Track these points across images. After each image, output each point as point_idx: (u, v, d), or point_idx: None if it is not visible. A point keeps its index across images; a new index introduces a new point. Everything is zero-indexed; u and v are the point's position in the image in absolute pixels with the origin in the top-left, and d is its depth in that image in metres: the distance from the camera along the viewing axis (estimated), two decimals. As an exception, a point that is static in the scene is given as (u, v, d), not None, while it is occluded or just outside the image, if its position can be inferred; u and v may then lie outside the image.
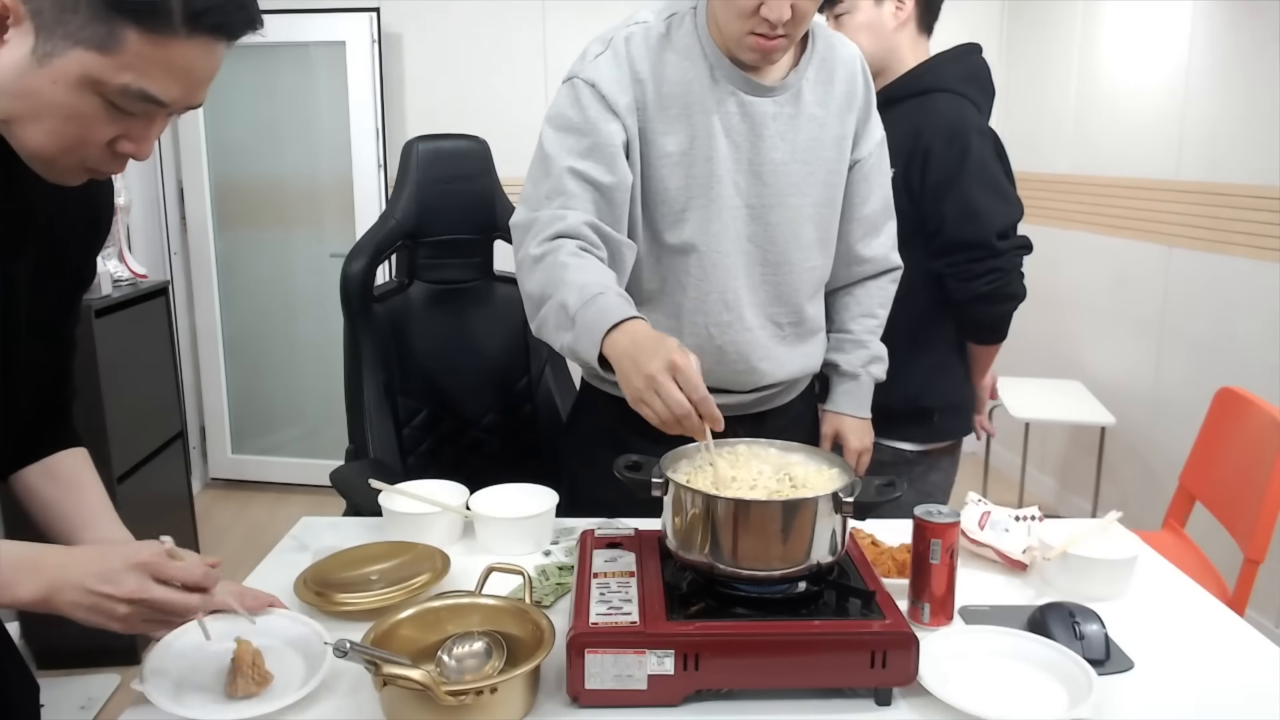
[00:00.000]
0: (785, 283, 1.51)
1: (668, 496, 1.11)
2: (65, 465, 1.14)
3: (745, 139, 1.43)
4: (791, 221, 1.48)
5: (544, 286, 1.30)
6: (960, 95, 1.86)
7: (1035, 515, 1.39)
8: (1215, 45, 3.08)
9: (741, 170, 1.44)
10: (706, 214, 1.44)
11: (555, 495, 1.46)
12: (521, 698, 0.99)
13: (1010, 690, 1.05)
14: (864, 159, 1.55)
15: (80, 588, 0.93)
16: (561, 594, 1.27)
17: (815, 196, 1.49)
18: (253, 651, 1.02)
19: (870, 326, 1.65)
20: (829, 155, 1.49)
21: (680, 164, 1.43)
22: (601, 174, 1.37)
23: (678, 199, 1.44)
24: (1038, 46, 4.16)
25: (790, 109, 1.44)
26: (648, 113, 1.42)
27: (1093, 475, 3.58)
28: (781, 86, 1.43)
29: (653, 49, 1.42)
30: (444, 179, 2.14)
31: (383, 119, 3.94)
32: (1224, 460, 2.32)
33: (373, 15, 3.91)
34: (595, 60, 1.41)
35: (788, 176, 1.46)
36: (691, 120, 1.42)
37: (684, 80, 1.41)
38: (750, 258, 1.48)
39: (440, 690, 0.92)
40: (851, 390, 1.64)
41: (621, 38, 1.42)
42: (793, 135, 1.45)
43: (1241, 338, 2.96)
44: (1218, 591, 2.07)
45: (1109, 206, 3.67)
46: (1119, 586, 1.29)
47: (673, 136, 1.42)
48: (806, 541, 1.06)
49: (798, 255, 1.50)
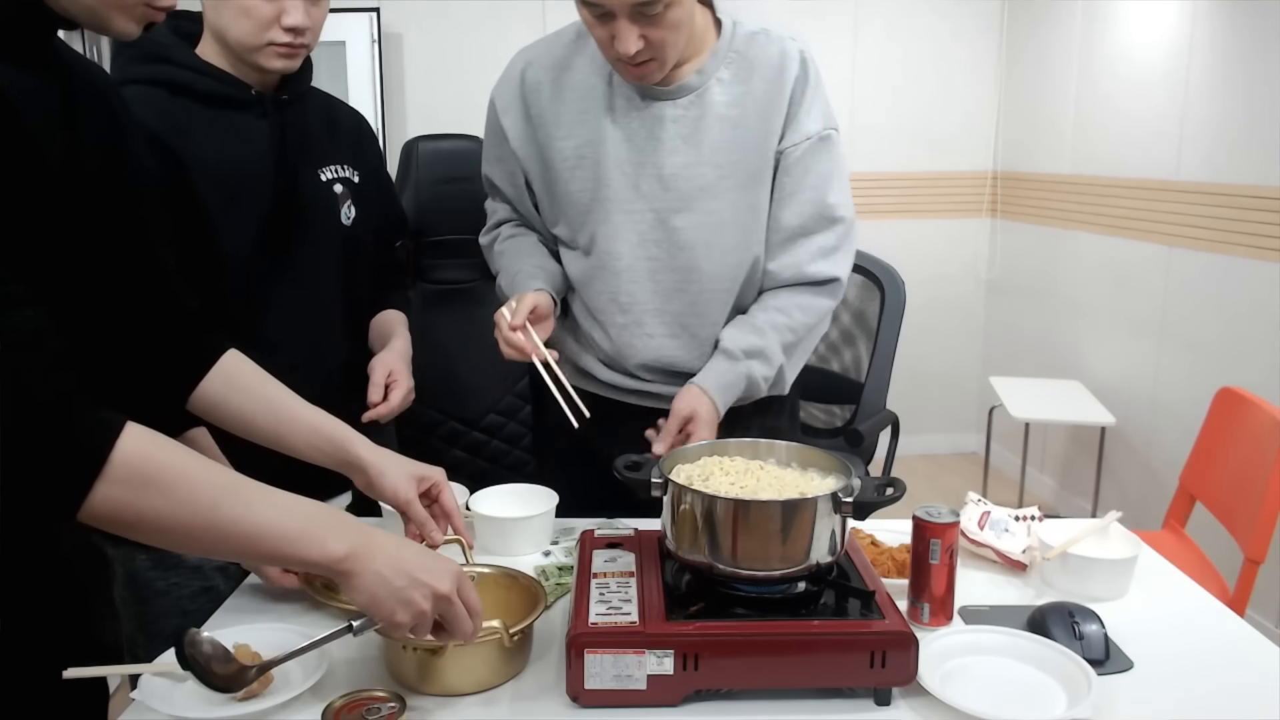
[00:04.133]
0: (699, 291, 1.46)
1: (667, 496, 1.11)
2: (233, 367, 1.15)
3: (645, 142, 1.41)
4: (702, 227, 1.43)
5: (494, 267, 1.57)
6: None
7: (1035, 515, 1.39)
8: (1215, 45, 3.08)
9: (644, 174, 1.42)
10: (601, 217, 1.45)
11: (555, 495, 1.46)
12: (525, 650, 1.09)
13: (1010, 690, 1.05)
14: (785, 151, 1.43)
15: (399, 567, 0.90)
16: (561, 594, 1.27)
17: (732, 201, 1.43)
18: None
19: (775, 322, 1.46)
20: (750, 158, 1.43)
21: (577, 167, 1.44)
22: (504, 184, 1.56)
23: (578, 201, 1.46)
24: (1038, 46, 4.16)
25: (694, 111, 1.41)
26: (545, 119, 1.46)
27: (1093, 475, 3.58)
28: (680, 89, 1.40)
29: (557, 59, 1.46)
30: (445, 179, 2.15)
31: (383, 119, 3.94)
32: (1224, 460, 2.32)
33: (373, 15, 3.91)
34: (499, 79, 1.51)
35: (693, 180, 1.42)
36: (586, 123, 1.43)
37: (585, 84, 1.44)
38: (656, 264, 1.45)
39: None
40: (723, 370, 1.42)
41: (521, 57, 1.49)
42: (697, 138, 1.41)
43: (1241, 338, 2.96)
44: (1218, 591, 2.07)
45: (1109, 206, 3.67)
46: (1119, 586, 1.29)
47: (570, 141, 1.44)
48: (806, 541, 1.06)
49: (711, 264, 1.45)
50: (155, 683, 1.01)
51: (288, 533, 0.87)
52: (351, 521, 0.92)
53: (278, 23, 1.30)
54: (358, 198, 1.51)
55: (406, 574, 0.90)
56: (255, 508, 0.86)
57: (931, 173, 4.47)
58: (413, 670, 1.04)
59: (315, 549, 0.88)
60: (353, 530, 0.91)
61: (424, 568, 0.92)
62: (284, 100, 1.41)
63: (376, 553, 0.90)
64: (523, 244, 1.54)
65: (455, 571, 0.95)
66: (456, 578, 0.94)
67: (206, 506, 0.83)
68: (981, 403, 4.04)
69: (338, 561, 0.88)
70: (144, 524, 0.82)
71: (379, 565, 0.89)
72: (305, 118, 1.46)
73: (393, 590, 0.90)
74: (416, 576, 0.90)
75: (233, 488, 0.86)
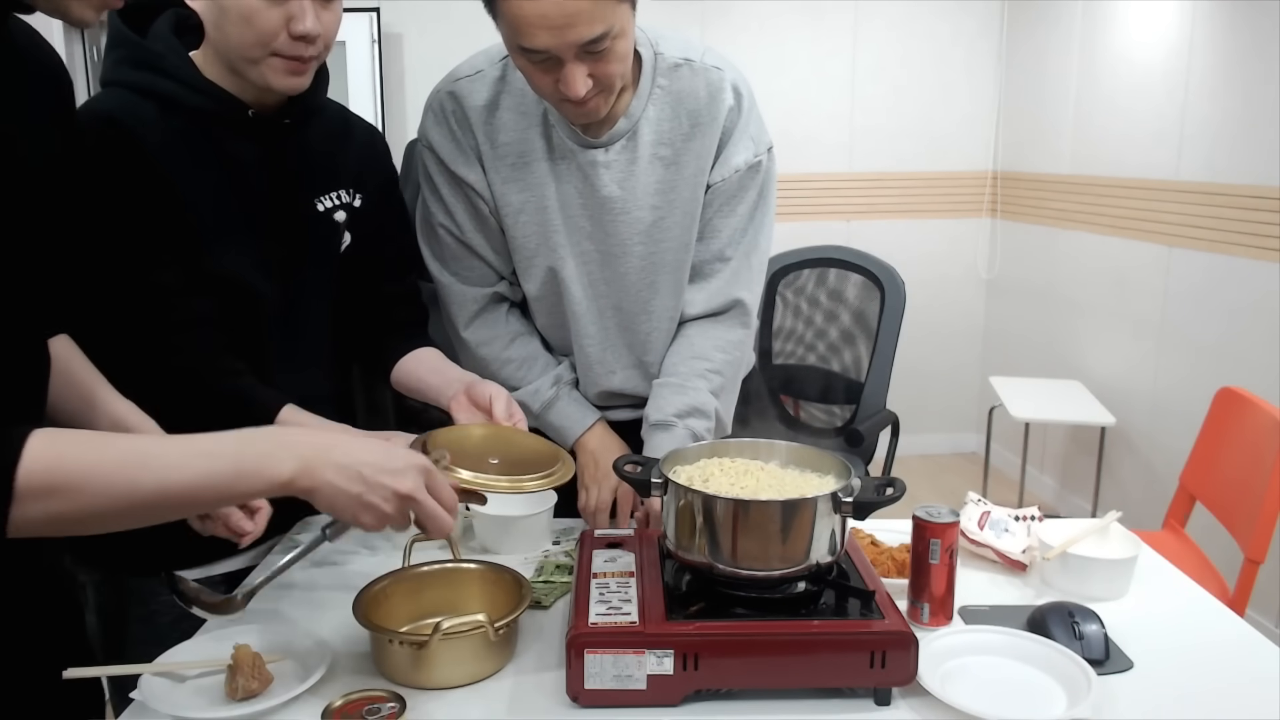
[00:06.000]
0: (647, 330, 1.47)
1: (667, 496, 1.11)
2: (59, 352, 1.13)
3: (583, 185, 1.39)
4: (644, 270, 1.43)
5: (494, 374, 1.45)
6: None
7: (1035, 515, 1.39)
8: (1215, 45, 3.08)
9: (585, 219, 1.41)
10: (552, 262, 1.43)
11: (554, 495, 1.46)
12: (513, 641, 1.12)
13: (1010, 690, 1.05)
14: (714, 185, 1.42)
15: (354, 472, 0.87)
16: (561, 594, 1.27)
17: (674, 240, 1.42)
18: (252, 655, 1.02)
19: (697, 370, 1.44)
20: (685, 195, 1.41)
21: (520, 213, 1.41)
22: (475, 236, 1.44)
23: (524, 247, 1.43)
24: (1038, 46, 4.17)
25: (626, 155, 1.38)
26: (486, 164, 1.40)
27: (1093, 475, 3.58)
28: (610, 137, 1.37)
29: (484, 103, 1.38)
30: (444, 179, 2.14)
31: (383, 119, 3.94)
32: (1224, 460, 2.32)
33: (373, 15, 3.91)
34: (426, 119, 1.42)
35: (632, 225, 1.40)
36: (525, 169, 1.39)
37: (517, 129, 1.38)
38: (605, 303, 1.45)
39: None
40: (662, 443, 1.37)
41: (449, 100, 1.40)
42: (631, 182, 1.39)
43: (1241, 338, 2.96)
44: (1218, 591, 2.07)
45: (1109, 206, 3.67)
46: (1119, 586, 1.29)
47: (513, 185, 1.40)
48: (806, 541, 1.06)
49: (658, 303, 1.45)
50: (155, 683, 1.01)
51: (220, 478, 0.84)
52: (289, 436, 0.89)
53: (285, 31, 1.15)
54: (355, 222, 1.38)
55: (362, 478, 0.87)
56: (175, 467, 0.83)
57: (931, 173, 4.47)
58: (400, 664, 1.05)
59: (257, 483, 0.85)
60: (292, 445, 0.87)
61: (381, 469, 0.88)
62: (286, 125, 1.28)
63: (326, 463, 0.86)
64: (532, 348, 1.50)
65: (418, 467, 0.91)
66: (420, 474, 0.91)
67: (124, 488, 0.81)
68: (981, 403, 4.04)
69: (286, 485, 0.85)
70: (74, 525, 0.81)
71: (330, 475, 0.86)
72: (308, 141, 1.32)
73: (351, 498, 0.87)
74: (374, 480, 0.87)
75: (143, 459, 0.83)
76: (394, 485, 0.88)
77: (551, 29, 1.16)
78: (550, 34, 1.17)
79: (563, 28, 1.16)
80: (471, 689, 1.05)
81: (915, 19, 4.34)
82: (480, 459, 1.12)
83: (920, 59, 4.38)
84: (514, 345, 1.49)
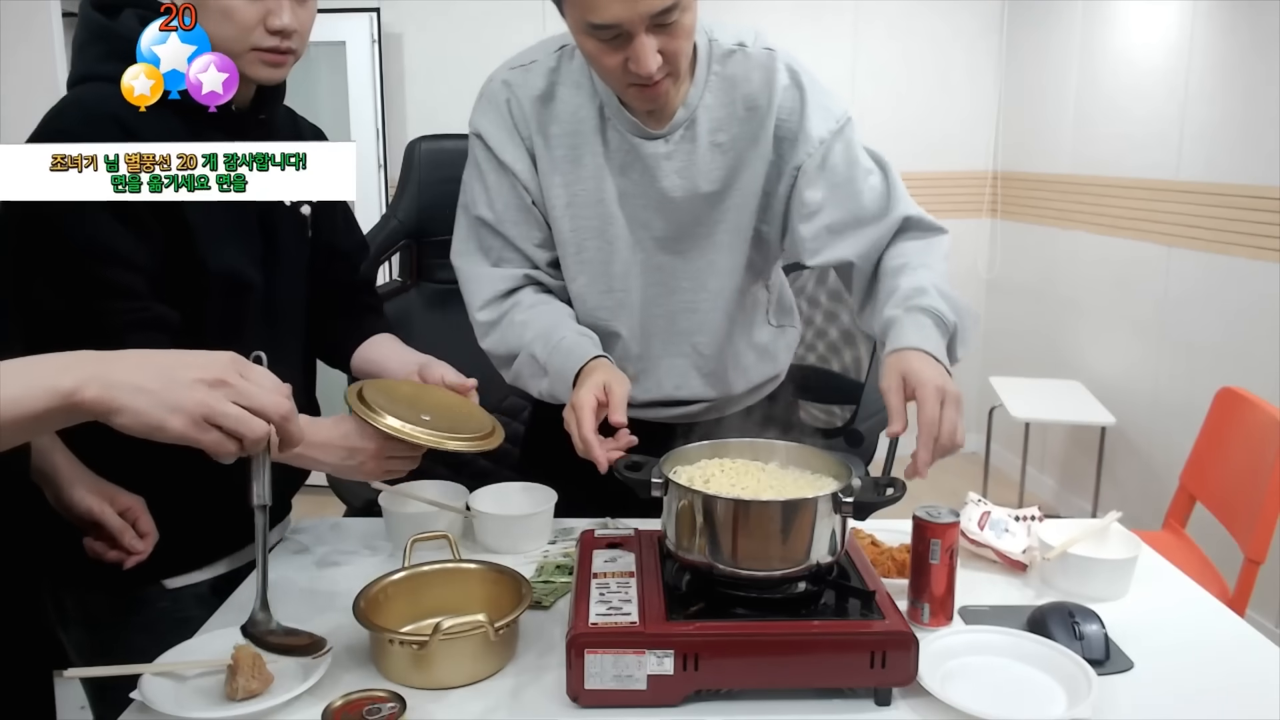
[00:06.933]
0: (705, 311, 1.46)
1: (667, 496, 1.11)
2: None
3: (641, 176, 1.39)
4: (702, 251, 1.43)
5: (508, 344, 1.42)
6: None
7: (1035, 515, 1.39)
8: (1215, 45, 3.08)
9: (643, 206, 1.40)
10: (603, 254, 1.42)
11: (554, 494, 1.46)
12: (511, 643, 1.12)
13: (1010, 690, 1.05)
14: (803, 164, 1.39)
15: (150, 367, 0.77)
16: (561, 594, 1.27)
17: (731, 223, 1.42)
18: (252, 655, 1.02)
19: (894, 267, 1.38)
20: (744, 179, 1.40)
21: (571, 204, 1.40)
22: (515, 226, 1.43)
23: (573, 239, 1.42)
24: (1038, 46, 4.17)
25: (686, 145, 1.38)
26: (536, 154, 1.40)
27: (1093, 475, 3.58)
28: (669, 127, 1.37)
29: (540, 90, 1.38)
30: (448, 179, 2.14)
31: (383, 119, 3.94)
32: (1224, 460, 2.32)
33: (373, 15, 3.91)
34: (479, 106, 1.42)
35: (691, 211, 1.41)
36: (581, 161, 1.39)
37: (573, 120, 1.38)
38: (659, 290, 1.45)
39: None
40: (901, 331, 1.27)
41: (502, 89, 1.39)
42: (691, 170, 1.39)
43: (1241, 338, 2.96)
44: (1218, 591, 2.07)
45: (1109, 206, 3.67)
46: (1119, 586, 1.29)
47: (563, 176, 1.39)
48: (806, 541, 1.06)
49: (715, 283, 1.45)
50: (155, 682, 1.01)
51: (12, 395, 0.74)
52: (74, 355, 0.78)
53: (263, 26, 1.18)
54: (316, 216, 1.40)
55: (161, 372, 0.77)
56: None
57: (931, 173, 4.47)
58: (400, 664, 1.05)
59: (39, 399, 0.74)
60: (84, 356, 0.77)
61: (181, 362, 0.79)
62: (261, 119, 1.28)
63: (115, 364, 0.77)
64: (553, 311, 1.43)
65: (228, 356, 0.82)
66: (232, 361, 0.81)
67: None
68: (982, 403, 4.04)
69: (71, 396, 0.74)
70: None
71: (123, 375, 0.76)
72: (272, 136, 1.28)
73: (154, 398, 0.76)
74: (176, 373, 0.77)
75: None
76: (201, 374, 0.78)
77: (624, 0, 1.18)
78: (622, 5, 1.18)
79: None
80: (471, 689, 1.05)
81: (915, 19, 4.34)
82: (412, 413, 1.22)
83: (920, 59, 4.38)
84: (532, 311, 1.43)
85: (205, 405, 0.78)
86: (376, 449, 1.24)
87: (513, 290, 1.44)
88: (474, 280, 1.46)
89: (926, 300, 1.29)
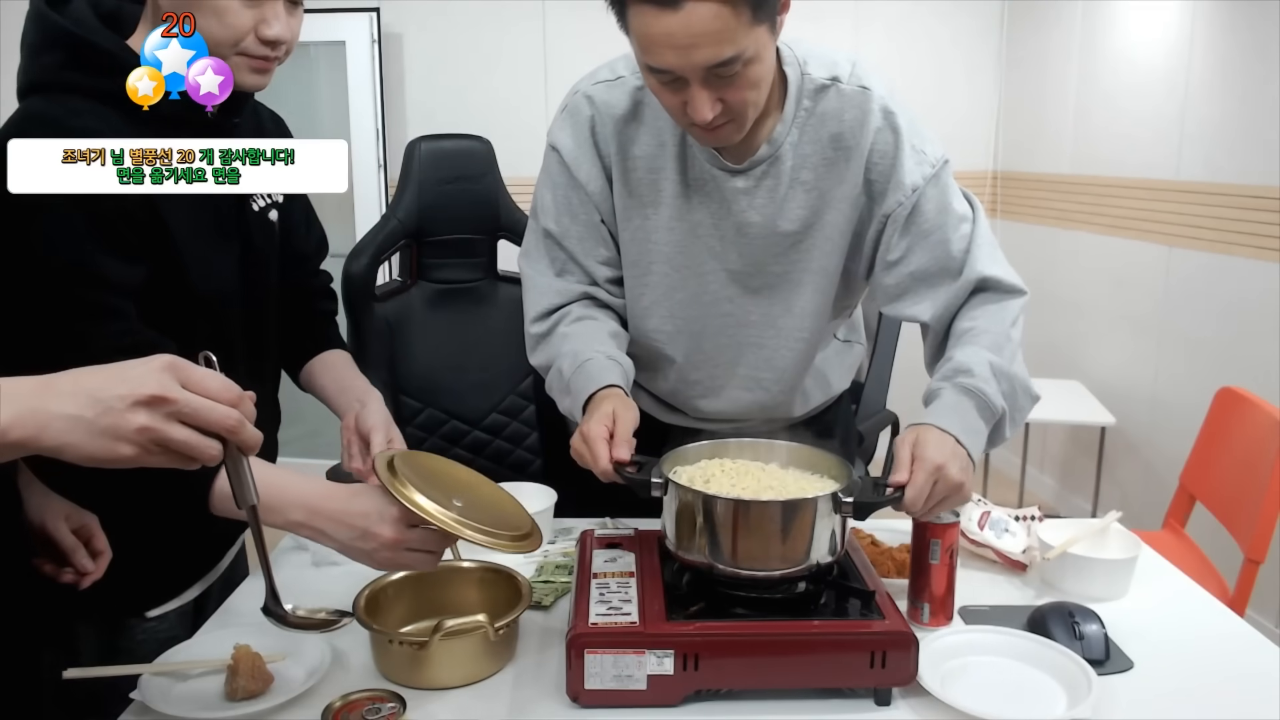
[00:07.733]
0: (773, 347, 1.41)
1: (667, 496, 1.11)
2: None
3: (719, 208, 1.33)
4: (777, 288, 1.37)
5: (548, 355, 1.37)
6: None
7: (1035, 515, 1.39)
8: (1215, 45, 3.08)
9: (719, 238, 1.35)
10: (671, 282, 1.38)
11: (554, 494, 1.47)
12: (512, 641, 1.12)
13: (1010, 690, 1.05)
14: (893, 212, 1.31)
15: (82, 395, 0.71)
16: (561, 594, 1.27)
17: (814, 264, 1.36)
18: (252, 655, 1.02)
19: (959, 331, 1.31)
20: (828, 220, 1.33)
21: (642, 228, 1.36)
22: (579, 242, 1.39)
23: (641, 261, 1.38)
24: (1038, 46, 4.16)
25: (769, 182, 1.31)
26: (613, 175, 1.35)
27: (1093, 475, 3.58)
28: (751, 163, 1.30)
29: (624, 111, 1.33)
30: (447, 179, 2.15)
31: (382, 119, 3.94)
32: (1224, 460, 2.32)
33: (373, 15, 3.91)
34: (560, 119, 1.37)
35: (769, 249, 1.35)
36: (658, 186, 1.34)
37: (655, 144, 1.33)
38: (727, 320, 1.40)
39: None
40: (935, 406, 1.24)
41: (586, 104, 1.35)
42: (772, 208, 1.32)
43: (1241, 338, 2.96)
44: (1218, 591, 2.07)
45: (1109, 206, 3.67)
46: (1119, 586, 1.29)
47: (639, 200, 1.35)
48: (806, 541, 1.06)
49: (788, 322, 1.39)
50: (155, 682, 1.01)
51: None
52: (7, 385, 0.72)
53: (254, 33, 1.15)
54: (281, 217, 1.35)
55: (93, 397, 0.71)
56: None
57: (931, 173, 4.46)
58: (400, 664, 1.05)
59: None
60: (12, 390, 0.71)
61: (115, 378, 0.72)
62: (235, 123, 1.22)
63: (48, 394, 0.71)
64: (594, 329, 1.37)
65: (161, 364, 0.75)
66: (167, 369, 0.74)
67: None
68: (981, 403, 4.04)
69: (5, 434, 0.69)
70: None
71: (57, 406, 0.70)
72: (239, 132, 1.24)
73: (91, 427, 0.71)
74: (107, 396, 0.71)
75: None
76: (136, 392, 0.72)
77: (677, 49, 1.09)
78: (676, 54, 1.10)
79: (688, 48, 1.09)
80: (471, 689, 1.05)
81: (915, 20, 4.34)
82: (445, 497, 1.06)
83: (920, 60, 4.37)
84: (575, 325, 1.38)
85: (147, 431, 0.72)
86: (394, 538, 1.04)
87: (566, 304, 1.40)
88: (535, 289, 1.41)
89: (973, 381, 1.21)
